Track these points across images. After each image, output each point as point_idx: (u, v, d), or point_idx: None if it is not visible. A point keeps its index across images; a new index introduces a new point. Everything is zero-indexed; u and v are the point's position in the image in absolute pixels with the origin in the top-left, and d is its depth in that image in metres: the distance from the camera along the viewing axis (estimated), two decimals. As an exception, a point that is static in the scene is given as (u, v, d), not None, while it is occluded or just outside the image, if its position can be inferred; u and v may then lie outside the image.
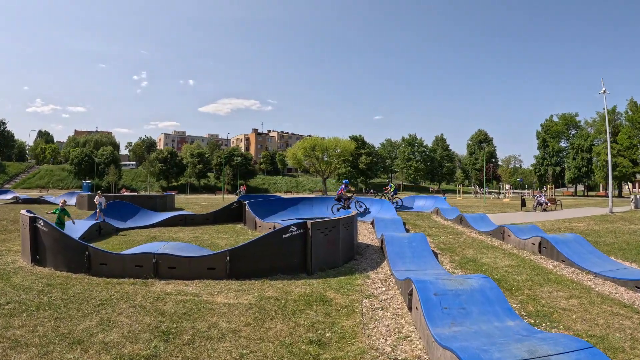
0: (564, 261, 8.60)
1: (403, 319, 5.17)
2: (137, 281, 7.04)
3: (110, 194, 40.86)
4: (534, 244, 9.93)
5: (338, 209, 18.87)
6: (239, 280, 7.01)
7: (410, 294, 5.11)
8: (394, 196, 25.13)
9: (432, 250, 9.20)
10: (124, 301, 5.84)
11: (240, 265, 7.18)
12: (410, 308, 5.24)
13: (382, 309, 5.58)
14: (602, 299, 6.05)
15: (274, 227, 11.78)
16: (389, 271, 7.84)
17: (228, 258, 7.11)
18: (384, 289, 6.61)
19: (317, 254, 7.63)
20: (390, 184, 29.31)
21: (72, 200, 29.02)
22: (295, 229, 7.39)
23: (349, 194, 19.78)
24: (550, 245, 9.15)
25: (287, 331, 4.74)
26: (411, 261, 8.10)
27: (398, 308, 5.60)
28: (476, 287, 4.84)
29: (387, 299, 6.07)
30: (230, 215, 17.39)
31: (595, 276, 7.53)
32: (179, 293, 6.31)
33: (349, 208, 18.57)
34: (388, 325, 4.98)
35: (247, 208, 15.15)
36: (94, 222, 13.48)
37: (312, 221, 7.64)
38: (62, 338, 4.43)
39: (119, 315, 5.25)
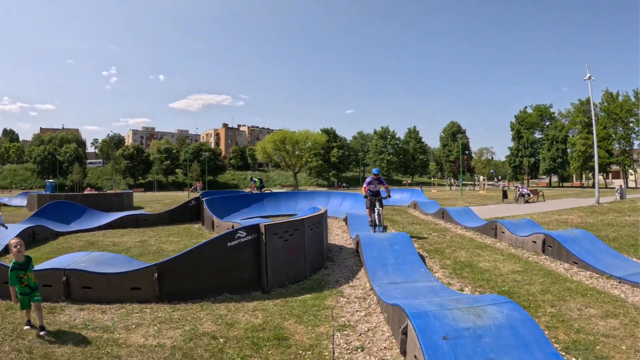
0: (575, 263, 7.15)
1: (393, 369, 3.50)
2: (44, 306, 5.26)
3: (63, 193, 38.51)
4: (535, 242, 8.46)
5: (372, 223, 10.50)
6: (171, 303, 5.26)
7: (405, 332, 3.43)
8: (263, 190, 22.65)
9: (418, 253, 7.60)
10: (10, 340, 4.14)
11: (173, 283, 5.40)
12: (404, 353, 3.54)
13: (361, 350, 3.86)
14: (645, 317, 4.60)
15: (232, 227, 10.00)
16: (368, 284, 6.17)
17: (156, 275, 5.32)
18: (363, 314, 4.91)
19: (274, 265, 5.85)
20: (254, 178, 25.19)
21: (24, 202, 26.99)
22: (245, 234, 5.56)
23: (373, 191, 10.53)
24: (557, 244, 7.67)
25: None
26: (395, 269, 6.45)
27: (385, 347, 3.88)
28: (502, 321, 3.21)
29: (368, 330, 4.37)
30: (189, 214, 15.43)
31: (619, 282, 6.12)
32: (88, 326, 4.56)
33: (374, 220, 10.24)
34: (372, 382, 3.31)
35: (204, 206, 13.24)
36: (27, 226, 11.47)
37: (266, 223, 5.86)
38: None
39: (-7, 365, 3.55)
